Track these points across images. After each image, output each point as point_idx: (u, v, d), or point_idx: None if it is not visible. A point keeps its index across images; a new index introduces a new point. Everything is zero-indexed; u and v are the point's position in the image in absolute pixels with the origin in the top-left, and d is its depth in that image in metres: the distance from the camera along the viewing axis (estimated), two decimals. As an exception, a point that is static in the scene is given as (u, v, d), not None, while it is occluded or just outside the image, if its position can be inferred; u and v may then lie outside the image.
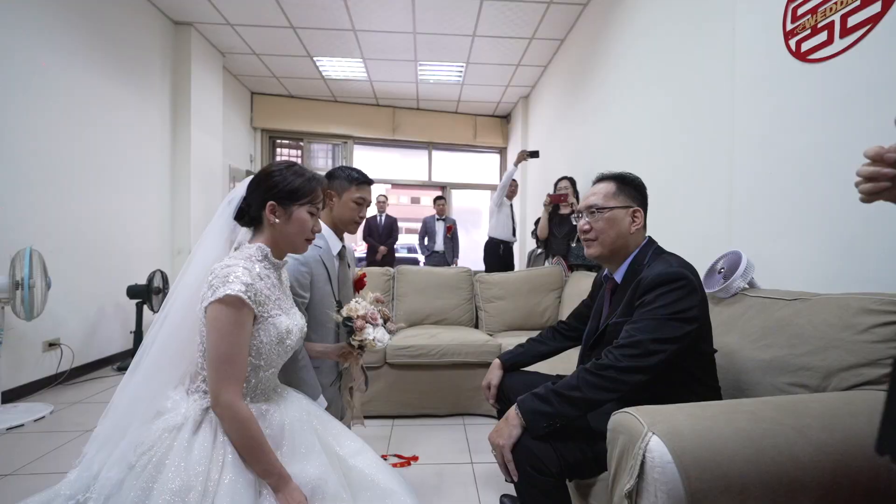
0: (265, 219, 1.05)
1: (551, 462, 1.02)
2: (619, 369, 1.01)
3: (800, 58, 1.54)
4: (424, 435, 2.23)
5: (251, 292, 0.92)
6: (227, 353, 0.90)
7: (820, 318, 1.08)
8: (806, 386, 1.04)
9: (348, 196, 1.51)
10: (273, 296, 1.01)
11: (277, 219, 1.04)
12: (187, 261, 1.05)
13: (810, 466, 0.76)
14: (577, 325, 1.51)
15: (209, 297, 0.90)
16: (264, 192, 1.05)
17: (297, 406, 1.06)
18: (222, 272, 0.92)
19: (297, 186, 1.06)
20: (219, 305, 0.90)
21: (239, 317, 0.91)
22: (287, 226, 1.05)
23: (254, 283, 0.94)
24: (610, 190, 1.22)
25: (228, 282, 0.90)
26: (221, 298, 0.89)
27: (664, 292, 1.05)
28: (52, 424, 2.29)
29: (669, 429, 0.79)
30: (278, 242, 1.07)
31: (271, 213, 1.04)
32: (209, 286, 0.92)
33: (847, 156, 1.39)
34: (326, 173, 1.56)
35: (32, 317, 2.42)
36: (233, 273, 0.92)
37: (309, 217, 1.08)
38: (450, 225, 5.23)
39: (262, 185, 1.05)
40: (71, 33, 3.02)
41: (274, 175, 1.06)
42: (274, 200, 1.04)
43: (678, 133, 2.36)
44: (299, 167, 1.11)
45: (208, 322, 0.91)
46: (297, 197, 1.06)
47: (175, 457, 0.85)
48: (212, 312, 0.90)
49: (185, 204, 4.27)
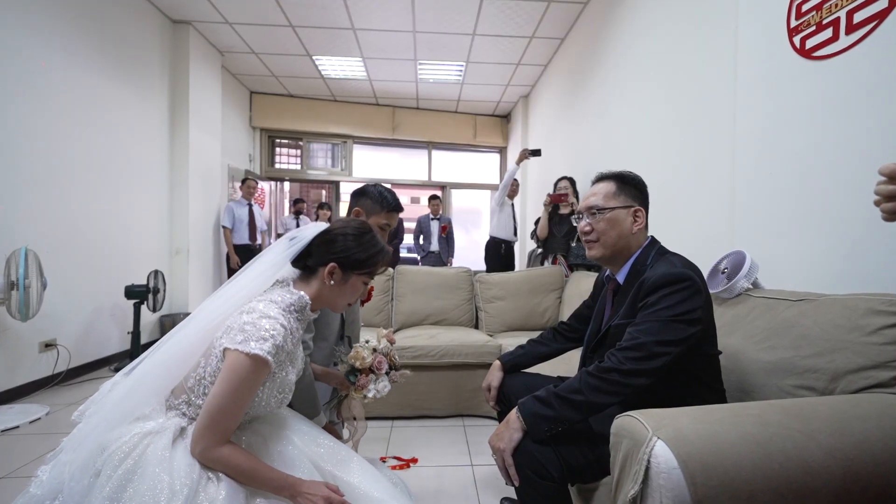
0: (320, 273, 1.03)
1: (553, 466, 1.00)
2: (623, 372, 0.98)
3: (804, 55, 1.51)
4: (424, 437, 2.21)
5: (278, 354, 0.90)
6: (227, 407, 0.86)
7: (826, 318, 1.06)
8: (812, 388, 1.02)
9: (375, 219, 1.47)
10: (292, 350, 0.98)
11: (333, 281, 1.03)
12: (230, 281, 1.03)
13: (820, 472, 0.74)
14: (578, 327, 1.49)
15: (236, 342, 0.86)
16: (331, 251, 1.03)
17: (280, 424, 1.03)
18: (260, 322, 0.88)
19: (364, 259, 1.05)
20: (242, 357, 0.85)
21: (256, 377, 0.88)
22: (339, 289, 1.04)
23: (284, 343, 0.91)
24: (610, 190, 1.20)
25: (263, 338, 0.87)
26: (248, 353, 0.85)
27: (668, 293, 1.03)
28: (47, 426, 2.27)
29: (675, 433, 0.77)
30: (322, 298, 1.05)
31: (329, 273, 1.02)
32: (241, 329, 0.88)
33: (852, 155, 1.37)
34: (358, 190, 1.52)
35: (28, 317, 2.40)
36: (271, 329, 0.88)
37: (362, 286, 1.08)
38: (444, 224, 5.20)
39: (332, 245, 1.04)
40: (68, 32, 3.00)
41: (347, 239, 1.04)
42: (337, 263, 1.02)
43: (679, 132, 2.34)
44: (373, 235, 1.09)
45: (224, 367, 0.87)
46: (361, 267, 1.05)
47: (151, 465, 0.81)
48: (232, 360, 0.86)
49: (184, 204, 4.24)
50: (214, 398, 0.86)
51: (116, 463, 0.81)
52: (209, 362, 0.91)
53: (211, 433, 0.85)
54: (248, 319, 0.89)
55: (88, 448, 0.84)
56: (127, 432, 0.85)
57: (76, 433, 0.92)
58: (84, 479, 0.80)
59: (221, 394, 0.85)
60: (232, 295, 0.98)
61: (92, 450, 0.83)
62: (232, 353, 0.86)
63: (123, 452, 0.82)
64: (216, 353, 0.90)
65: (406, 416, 2.40)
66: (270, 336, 0.87)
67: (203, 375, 0.92)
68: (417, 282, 2.94)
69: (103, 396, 0.97)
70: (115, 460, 0.81)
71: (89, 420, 0.92)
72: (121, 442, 0.83)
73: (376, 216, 1.48)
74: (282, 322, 0.91)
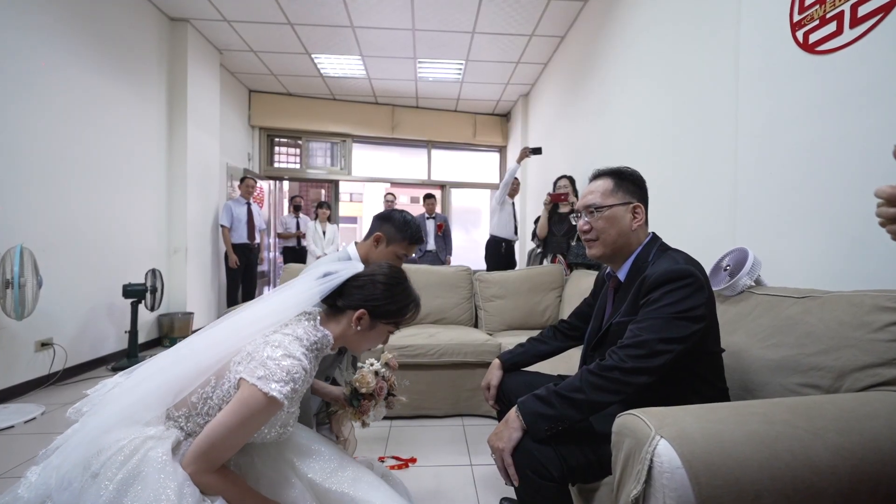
0: (348, 315, 1.02)
1: (553, 466, 0.98)
2: (624, 370, 0.97)
3: (807, 50, 1.50)
4: (423, 436, 2.19)
5: (294, 396, 0.88)
6: (229, 439, 0.84)
7: (831, 316, 1.04)
8: (818, 387, 1.01)
9: (396, 248, 1.47)
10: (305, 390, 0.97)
11: (360, 327, 1.02)
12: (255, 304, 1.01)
13: (827, 471, 0.72)
14: (578, 325, 1.47)
15: (256, 376, 0.84)
16: (363, 297, 1.02)
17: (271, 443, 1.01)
18: (284, 363, 0.86)
19: (395, 310, 1.05)
20: (259, 395, 0.83)
21: (267, 416, 0.86)
22: (364, 335, 1.04)
23: (302, 386, 0.90)
24: (608, 187, 1.18)
25: (284, 380, 0.85)
26: (266, 394, 0.83)
27: (670, 290, 1.01)
28: (43, 426, 2.25)
29: (678, 432, 0.75)
30: (345, 339, 1.04)
31: (357, 319, 1.01)
32: (263, 364, 0.86)
33: (855, 151, 1.35)
34: (382, 214, 1.51)
35: (23, 316, 2.38)
36: (293, 372, 0.86)
37: (387, 334, 1.08)
38: (440, 223, 5.17)
39: (364, 290, 1.03)
40: (65, 30, 2.98)
41: (381, 287, 1.04)
42: (367, 310, 1.02)
43: (681, 129, 2.33)
44: (406, 285, 1.09)
45: (237, 398, 0.85)
46: (390, 317, 1.05)
47: (154, 471, 0.78)
48: (248, 394, 0.84)
49: (182, 202, 4.22)
50: (220, 427, 0.83)
51: (117, 466, 0.78)
52: (220, 384, 0.89)
53: (205, 460, 0.83)
54: (272, 355, 0.87)
55: (84, 448, 0.81)
56: (126, 435, 0.83)
57: (70, 432, 0.89)
58: (78, 480, 0.78)
59: (228, 424, 0.83)
60: (257, 319, 0.96)
61: (88, 450, 0.81)
62: (249, 387, 0.84)
63: (125, 455, 0.80)
64: (231, 380, 0.88)
65: (405, 415, 2.38)
66: (292, 380, 0.86)
67: (210, 395, 0.89)
68: (416, 280, 2.85)
69: (101, 396, 0.95)
70: (116, 462, 0.79)
71: (86, 419, 0.90)
72: (120, 445, 0.81)
73: (396, 245, 1.47)
74: (304, 365, 0.90)
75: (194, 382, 0.90)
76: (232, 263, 4.58)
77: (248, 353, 0.89)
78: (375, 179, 6.98)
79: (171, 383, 0.90)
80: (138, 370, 0.98)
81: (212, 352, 0.92)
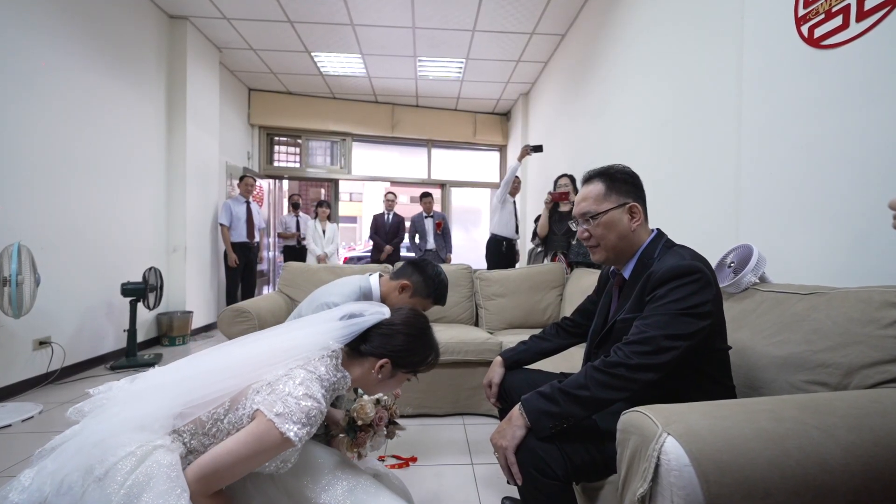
0: (369, 361, 1.02)
1: (557, 464, 0.96)
2: (630, 367, 0.95)
3: (812, 44, 1.48)
4: (423, 435, 2.18)
5: (307, 439, 0.87)
6: (234, 468, 0.82)
7: (840, 312, 1.03)
8: (825, 384, 0.99)
9: (418, 301, 1.49)
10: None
11: (380, 375, 1.02)
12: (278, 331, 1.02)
13: (839, 470, 0.71)
14: (581, 322, 1.45)
15: (273, 412, 0.82)
16: (388, 346, 1.02)
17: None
18: (304, 403, 0.84)
19: (418, 361, 1.06)
20: (275, 432, 0.81)
21: (276, 452, 0.85)
22: (383, 381, 1.04)
23: (316, 429, 0.88)
24: (600, 191, 1.16)
25: (302, 423, 0.83)
26: (283, 434, 0.81)
27: (677, 286, 0.99)
28: (40, 425, 2.23)
29: (686, 429, 0.73)
30: (362, 382, 1.04)
31: (380, 367, 1.01)
32: (283, 400, 0.84)
33: (861, 146, 1.34)
34: (417, 263, 1.52)
35: (21, 314, 2.36)
36: (312, 416, 0.85)
37: (405, 381, 1.08)
38: (439, 221, 5.15)
39: (391, 339, 1.03)
40: (64, 28, 2.96)
41: (405, 338, 1.04)
42: (391, 360, 1.02)
43: (683, 126, 2.31)
44: (430, 336, 1.09)
45: (251, 430, 0.83)
46: (411, 367, 1.06)
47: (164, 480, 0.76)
48: (263, 429, 0.82)
49: (181, 201, 4.20)
50: (227, 454, 0.81)
51: (127, 471, 0.76)
52: (234, 409, 0.88)
53: (205, 483, 0.81)
54: (293, 392, 0.85)
55: (87, 452, 0.79)
56: (133, 440, 0.81)
57: (70, 433, 0.87)
58: (79, 484, 0.76)
59: (236, 454, 0.81)
60: (282, 350, 0.95)
61: (92, 454, 0.78)
62: (266, 422, 0.82)
63: (135, 460, 0.78)
64: (246, 407, 0.87)
65: (405, 414, 2.36)
66: (310, 423, 0.85)
67: (220, 417, 0.88)
68: None
69: (106, 397, 0.92)
70: (126, 468, 0.77)
71: (87, 421, 0.87)
72: (129, 450, 0.79)
73: (419, 298, 1.49)
74: (322, 408, 0.89)
75: (208, 406, 0.88)
76: (231, 262, 4.56)
77: (269, 384, 0.87)
78: (375, 178, 6.96)
79: (183, 398, 0.88)
80: (147, 377, 0.96)
81: (231, 382, 0.90)
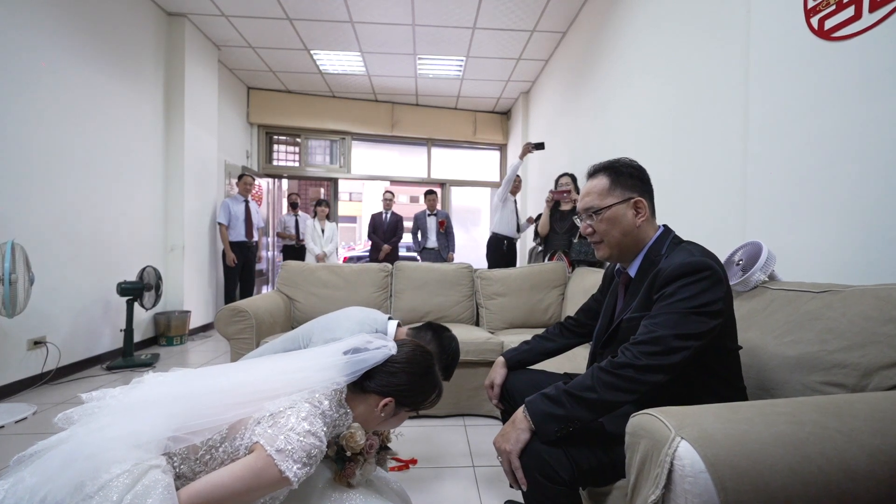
0: (373, 398, 1.01)
1: (563, 469, 0.93)
2: (638, 368, 0.91)
3: (822, 36, 1.45)
4: (423, 437, 2.14)
5: (305, 479, 0.84)
6: (225, 501, 0.78)
7: (856, 310, 0.99)
8: (842, 385, 0.95)
9: None
10: None
11: (383, 413, 1.01)
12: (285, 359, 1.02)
13: (863, 476, 0.67)
14: (586, 322, 1.41)
15: (274, 447, 0.79)
16: (393, 385, 1.01)
17: None
18: (306, 441, 0.82)
19: (421, 401, 1.05)
20: (274, 470, 0.78)
21: (272, 490, 0.82)
22: (386, 419, 1.03)
23: (314, 468, 0.86)
24: (604, 186, 1.12)
25: (304, 462, 0.81)
26: (282, 473, 0.78)
27: (686, 284, 0.96)
28: (33, 426, 2.19)
29: (700, 433, 0.69)
30: (363, 419, 1.03)
31: (384, 406, 1.00)
32: (286, 435, 0.81)
33: (872, 140, 1.30)
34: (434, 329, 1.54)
35: (14, 313, 2.32)
36: (312, 455, 0.83)
37: (406, 418, 1.07)
38: (442, 220, 5.12)
39: (395, 378, 1.02)
40: (62, 25, 2.92)
41: (407, 377, 1.03)
42: (395, 399, 1.01)
43: (687, 121, 2.28)
44: (434, 375, 1.09)
45: (248, 463, 0.80)
46: (414, 406, 1.05)
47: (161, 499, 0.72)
48: (261, 464, 0.79)
49: (179, 200, 4.17)
50: (221, 487, 0.78)
51: (124, 488, 0.72)
52: (231, 437, 0.85)
53: None
54: (295, 427, 0.83)
55: (78, 467, 0.74)
56: (127, 457, 0.76)
57: (55, 440, 0.82)
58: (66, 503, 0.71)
59: (230, 488, 0.78)
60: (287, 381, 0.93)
61: (83, 469, 0.74)
62: (266, 457, 0.79)
63: (133, 478, 0.74)
64: (245, 438, 0.84)
65: (405, 415, 2.33)
66: (310, 462, 0.83)
67: (216, 444, 0.84)
68: (416, 278, 2.87)
69: (96, 406, 0.88)
70: (122, 485, 0.72)
71: (75, 430, 0.83)
72: (125, 467, 0.74)
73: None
74: (323, 448, 0.87)
75: (206, 434, 0.84)
76: (229, 262, 4.52)
77: (271, 415, 0.84)
78: (375, 177, 6.93)
79: (179, 419, 0.84)
80: (142, 389, 0.93)
81: (231, 413, 0.86)
